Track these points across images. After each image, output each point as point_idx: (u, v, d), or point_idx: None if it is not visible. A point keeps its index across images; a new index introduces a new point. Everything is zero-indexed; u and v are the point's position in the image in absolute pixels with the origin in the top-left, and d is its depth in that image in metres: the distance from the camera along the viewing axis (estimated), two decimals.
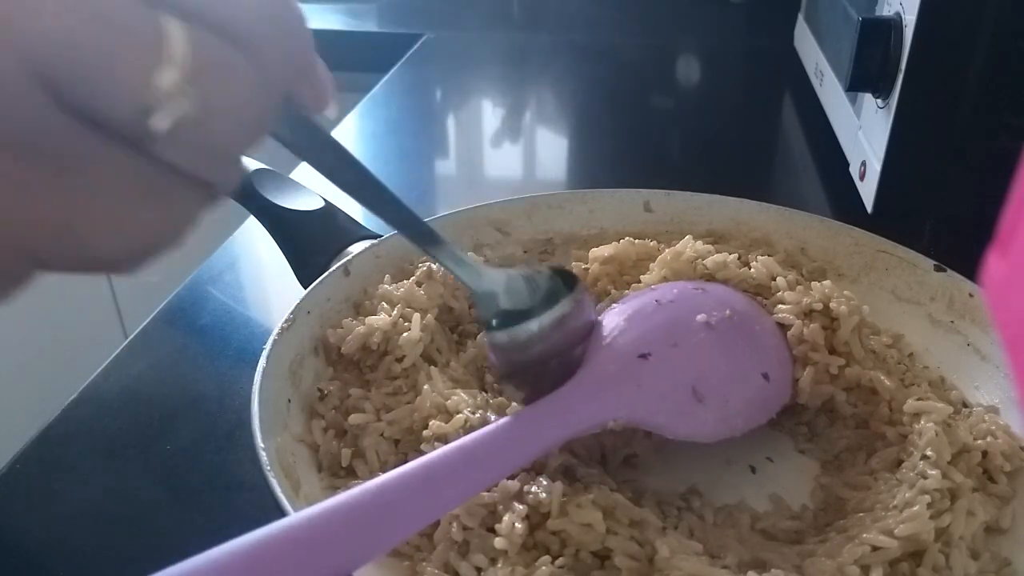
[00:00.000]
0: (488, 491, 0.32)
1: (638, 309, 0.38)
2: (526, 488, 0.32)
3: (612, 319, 0.38)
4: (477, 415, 0.35)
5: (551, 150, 0.82)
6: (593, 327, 0.36)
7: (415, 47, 1.01)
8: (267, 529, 0.24)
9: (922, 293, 0.45)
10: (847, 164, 0.60)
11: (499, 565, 0.30)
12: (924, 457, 0.35)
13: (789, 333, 0.40)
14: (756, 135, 0.81)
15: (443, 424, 0.35)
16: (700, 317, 0.38)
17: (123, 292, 1.30)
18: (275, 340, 0.37)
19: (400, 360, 0.39)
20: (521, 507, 0.31)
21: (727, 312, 0.38)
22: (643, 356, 0.35)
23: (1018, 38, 0.47)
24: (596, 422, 0.34)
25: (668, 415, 0.35)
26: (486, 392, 0.39)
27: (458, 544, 0.31)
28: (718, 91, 0.95)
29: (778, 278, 0.42)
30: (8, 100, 0.17)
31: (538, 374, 0.34)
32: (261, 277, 0.59)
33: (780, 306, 0.41)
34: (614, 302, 0.44)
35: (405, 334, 0.39)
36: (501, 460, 0.30)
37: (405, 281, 0.42)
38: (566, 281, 0.35)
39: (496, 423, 0.32)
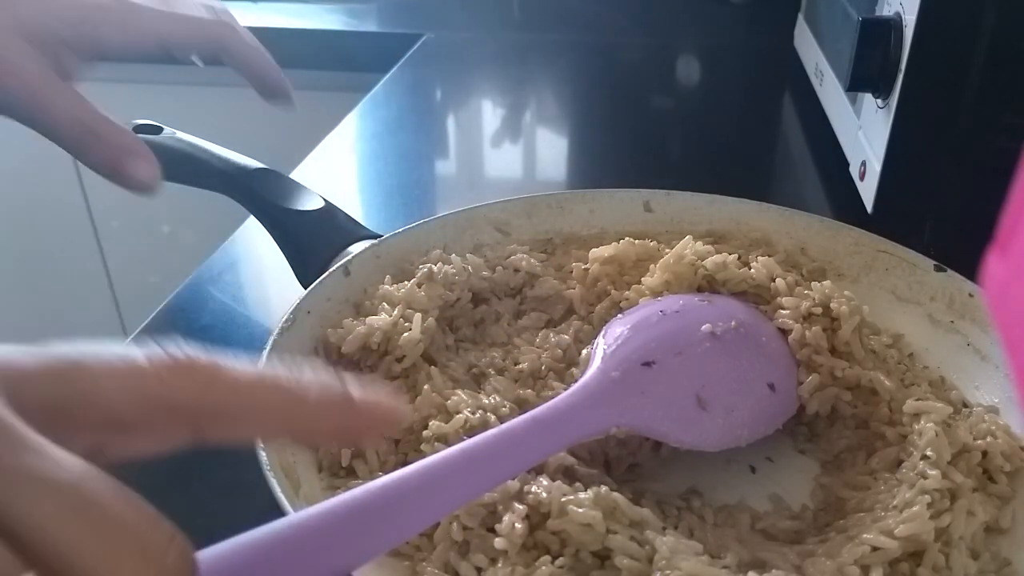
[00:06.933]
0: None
1: (643, 318, 0.39)
2: (526, 488, 0.32)
3: (617, 328, 0.38)
4: (477, 415, 0.35)
5: (551, 150, 0.82)
6: None
7: (415, 47, 1.01)
8: (267, 527, 0.24)
9: (922, 293, 0.45)
10: (847, 164, 0.60)
11: (499, 565, 0.30)
12: (924, 457, 0.35)
13: (790, 338, 0.39)
14: (756, 135, 0.81)
15: (443, 424, 0.35)
16: (705, 327, 0.38)
17: (123, 292, 1.30)
18: (275, 340, 0.37)
19: (400, 360, 0.39)
20: (521, 507, 0.31)
21: (732, 323, 0.38)
22: (647, 364, 0.36)
23: (1018, 38, 0.47)
24: (599, 429, 0.34)
25: (672, 423, 0.35)
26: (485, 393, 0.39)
27: (458, 544, 0.31)
28: (718, 91, 0.95)
29: (777, 279, 0.42)
30: None
31: None
32: (261, 277, 0.59)
33: (780, 311, 0.40)
34: (616, 306, 0.44)
35: (405, 334, 0.39)
36: (503, 464, 0.30)
37: (406, 282, 0.42)
38: None
39: (499, 427, 0.32)
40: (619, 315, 0.41)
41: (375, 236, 0.47)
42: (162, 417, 0.21)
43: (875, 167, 0.53)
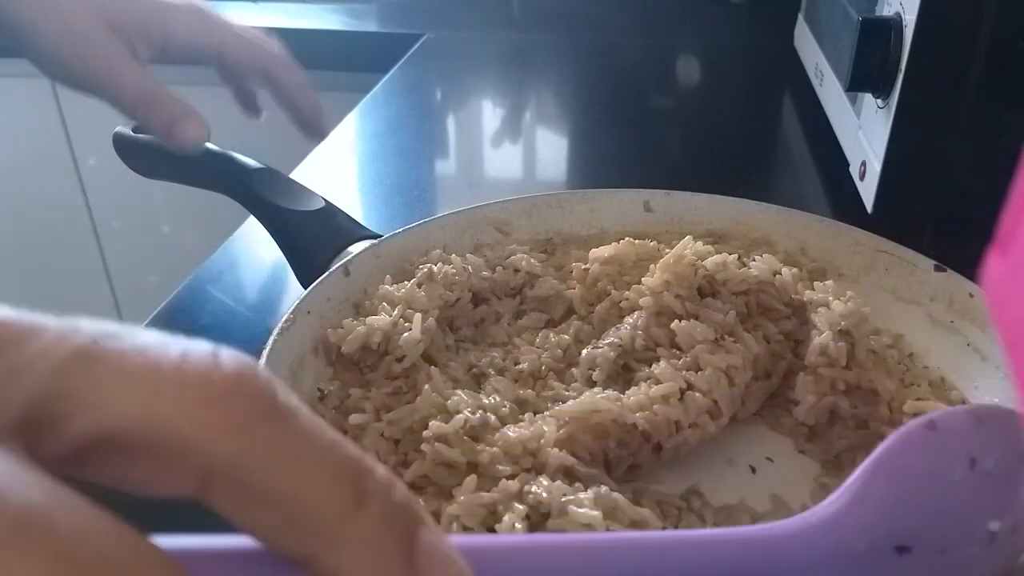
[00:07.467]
0: (488, 491, 0.32)
1: (945, 462, 0.28)
2: (526, 488, 0.32)
3: (908, 456, 0.28)
4: (477, 415, 0.35)
5: (551, 150, 0.82)
6: None
7: (415, 47, 1.01)
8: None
9: (922, 293, 0.45)
10: (847, 164, 0.60)
11: None
12: None
13: (815, 341, 0.39)
14: (756, 135, 0.81)
15: (443, 424, 0.35)
16: (993, 525, 0.27)
17: (123, 292, 1.30)
18: (275, 340, 0.37)
19: (400, 360, 0.39)
20: (521, 507, 0.31)
21: (1012, 524, 0.27)
22: (900, 549, 0.26)
23: (1018, 38, 0.47)
24: None
25: None
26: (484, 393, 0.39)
27: None
28: (718, 91, 0.95)
29: (783, 271, 0.42)
30: None
31: None
32: (261, 277, 0.59)
33: (816, 314, 0.40)
34: (616, 306, 0.43)
35: (405, 334, 0.39)
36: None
37: (406, 282, 0.42)
38: None
39: (686, 533, 0.27)
40: (928, 426, 0.28)
41: (375, 236, 0.47)
42: (168, 455, 0.15)
43: (875, 167, 0.53)
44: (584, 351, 0.41)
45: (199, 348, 0.16)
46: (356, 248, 0.46)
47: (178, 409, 0.15)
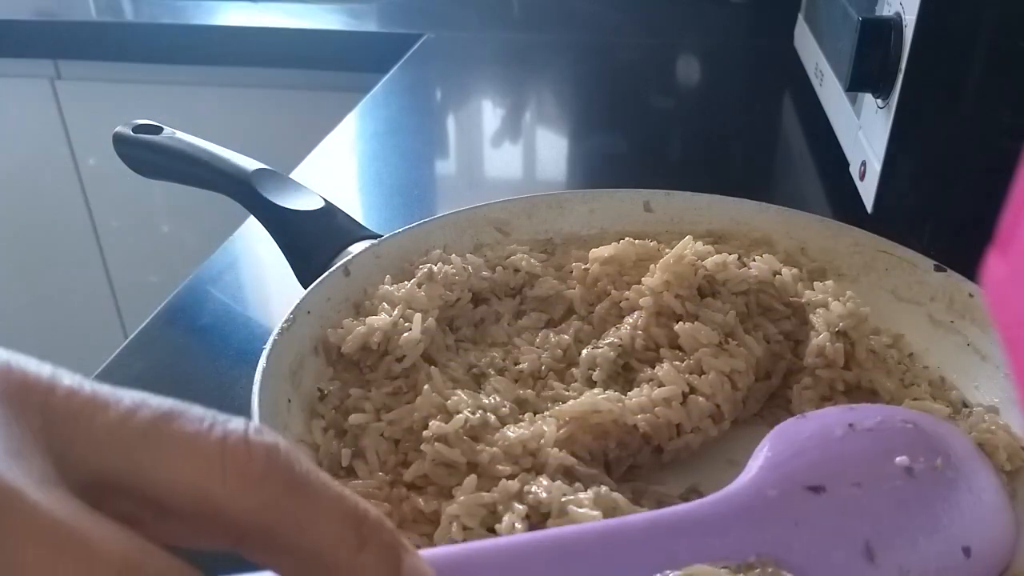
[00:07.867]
0: (488, 491, 0.32)
1: (824, 428, 0.33)
2: (526, 488, 0.32)
3: (790, 432, 0.33)
4: (477, 415, 0.35)
5: (551, 150, 0.82)
6: None
7: (415, 47, 1.01)
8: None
9: (922, 293, 0.45)
10: (847, 164, 0.60)
11: None
12: None
13: (812, 343, 0.39)
14: (756, 135, 0.81)
15: (443, 424, 0.35)
16: (900, 459, 0.31)
17: (123, 292, 1.30)
18: (275, 340, 0.37)
19: (400, 360, 0.39)
20: (521, 507, 0.31)
21: (938, 461, 0.32)
22: (814, 489, 0.30)
23: (1018, 38, 0.47)
24: (735, 553, 0.28)
25: (826, 570, 0.29)
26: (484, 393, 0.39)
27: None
28: (718, 91, 0.95)
29: (783, 271, 0.42)
30: None
31: None
32: (261, 277, 0.59)
33: (814, 315, 0.40)
34: (616, 306, 0.44)
35: (405, 334, 0.39)
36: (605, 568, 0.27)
37: (406, 282, 0.42)
38: None
39: (613, 521, 0.29)
40: (800, 416, 0.35)
41: (375, 236, 0.48)
42: (212, 522, 0.20)
43: (875, 167, 0.53)
44: (584, 351, 0.41)
45: (234, 432, 0.20)
46: (356, 248, 0.46)
47: (221, 490, 0.19)
